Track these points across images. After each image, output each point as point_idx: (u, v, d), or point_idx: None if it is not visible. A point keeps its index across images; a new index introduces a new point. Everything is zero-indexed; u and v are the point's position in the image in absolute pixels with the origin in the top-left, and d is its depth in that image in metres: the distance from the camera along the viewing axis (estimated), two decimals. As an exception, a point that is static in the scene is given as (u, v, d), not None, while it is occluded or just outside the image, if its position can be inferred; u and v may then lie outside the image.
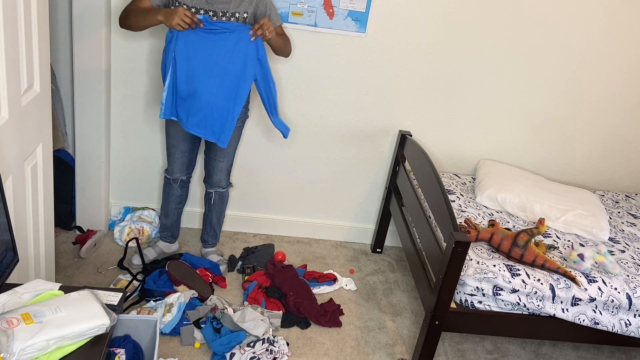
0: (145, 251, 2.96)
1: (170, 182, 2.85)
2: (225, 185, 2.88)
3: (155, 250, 2.99)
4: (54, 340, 1.34)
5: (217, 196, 2.89)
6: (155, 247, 3.01)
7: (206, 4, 2.40)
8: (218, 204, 2.92)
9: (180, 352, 2.48)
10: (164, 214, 2.96)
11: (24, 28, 1.75)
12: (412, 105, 3.12)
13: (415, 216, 2.72)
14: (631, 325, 2.43)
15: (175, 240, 3.07)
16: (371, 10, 2.88)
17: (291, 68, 2.98)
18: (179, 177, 2.83)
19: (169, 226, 2.99)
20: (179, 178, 2.83)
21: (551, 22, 2.98)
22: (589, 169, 3.39)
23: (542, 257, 2.41)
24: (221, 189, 2.87)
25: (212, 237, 3.04)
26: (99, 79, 2.80)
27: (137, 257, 2.92)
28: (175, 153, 2.75)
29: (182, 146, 2.72)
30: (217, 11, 2.41)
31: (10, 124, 1.73)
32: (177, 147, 2.72)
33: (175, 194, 2.88)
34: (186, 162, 2.79)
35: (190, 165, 2.83)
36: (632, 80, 3.16)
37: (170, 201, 2.91)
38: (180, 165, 2.78)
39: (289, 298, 2.78)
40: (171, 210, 2.93)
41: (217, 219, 2.98)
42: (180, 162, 2.78)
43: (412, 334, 2.82)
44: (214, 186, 2.85)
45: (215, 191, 2.87)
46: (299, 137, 3.16)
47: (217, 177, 2.82)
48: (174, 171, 2.80)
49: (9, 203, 1.78)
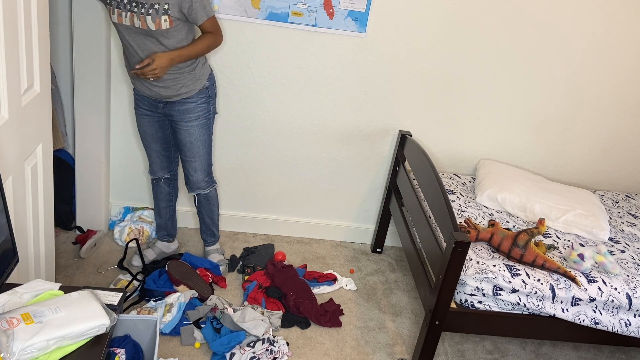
0: (145, 252, 2.96)
1: (155, 181, 2.86)
2: (206, 185, 2.80)
3: (154, 251, 3.00)
4: (54, 340, 1.34)
5: (201, 198, 2.85)
6: (155, 248, 3.01)
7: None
8: (205, 205, 2.88)
9: (180, 352, 2.48)
10: (156, 213, 2.97)
11: (24, 28, 1.75)
12: (412, 105, 3.12)
13: (415, 216, 2.72)
14: (631, 325, 2.43)
15: (174, 239, 3.07)
16: (371, 10, 2.88)
17: (291, 68, 2.98)
18: (162, 176, 2.83)
19: (164, 225, 2.99)
20: (162, 177, 2.84)
21: (551, 22, 2.98)
22: (589, 169, 3.39)
23: (542, 257, 2.41)
24: (202, 190, 2.80)
25: (210, 236, 3.03)
26: (99, 79, 2.80)
27: (137, 258, 2.92)
28: (151, 154, 2.76)
29: (154, 146, 2.73)
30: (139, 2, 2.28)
31: (10, 124, 1.73)
32: (150, 147, 2.74)
33: (163, 192, 2.89)
34: (165, 161, 2.79)
35: (170, 162, 2.82)
36: (632, 80, 3.16)
37: (160, 200, 2.91)
38: (160, 164, 2.79)
39: (289, 298, 2.78)
40: (162, 208, 2.94)
41: (210, 219, 2.96)
42: (159, 161, 2.78)
43: (412, 334, 2.82)
44: (194, 189, 2.80)
45: (197, 194, 2.83)
46: (299, 137, 3.16)
47: (194, 178, 2.76)
48: (155, 170, 2.82)
49: (9, 203, 1.78)
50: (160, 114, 2.63)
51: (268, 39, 2.90)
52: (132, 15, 2.30)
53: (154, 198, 2.93)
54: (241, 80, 2.99)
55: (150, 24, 2.29)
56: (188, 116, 2.58)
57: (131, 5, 2.30)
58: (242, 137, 3.13)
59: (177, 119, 2.60)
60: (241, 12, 2.82)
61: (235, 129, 3.10)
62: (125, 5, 2.31)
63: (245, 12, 2.82)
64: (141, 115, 2.65)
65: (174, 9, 2.31)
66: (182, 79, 2.49)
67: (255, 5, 2.81)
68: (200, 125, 2.63)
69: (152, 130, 2.67)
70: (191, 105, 2.57)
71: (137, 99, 2.63)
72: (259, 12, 2.82)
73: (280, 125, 3.12)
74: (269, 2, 2.80)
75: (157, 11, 2.29)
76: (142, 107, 2.63)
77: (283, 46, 2.93)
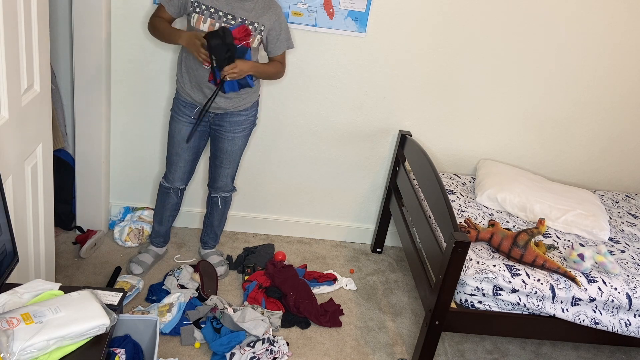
0: (141, 257, 2.90)
1: (170, 190, 2.78)
2: (230, 189, 2.86)
3: (151, 254, 2.94)
4: (54, 340, 1.34)
5: (221, 200, 2.87)
6: (150, 252, 2.95)
7: (227, 6, 2.36)
8: (221, 208, 2.90)
9: (180, 352, 2.48)
10: (157, 220, 2.91)
11: (24, 28, 1.75)
12: (412, 105, 3.12)
13: (415, 216, 2.72)
14: (631, 325, 2.43)
15: (165, 245, 3.03)
16: (371, 10, 2.88)
17: (291, 68, 2.98)
18: (180, 187, 2.78)
19: (163, 233, 2.95)
20: (179, 187, 2.78)
21: (551, 23, 2.98)
22: (589, 169, 3.39)
23: (542, 257, 2.41)
24: (225, 193, 2.86)
25: (212, 239, 3.02)
26: (99, 79, 2.80)
27: (137, 267, 2.85)
28: (178, 162, 2.68)
29: (185, 155, 2.67)
30: (236, 16, 2.38)
31: (10, 124, 1.73)
32: (181, 155, 2.66)
33: (172, 202, 2.83)
34: (188, 171, 2.75)
35: (191, 173, 2.78)
36: (632, 81, 3.16)
37: (166, 209, 2.85)
38: (182, 174, 2.73)
39: (289, 298, 2.78)
40: (166, 217, 2.89)
41: (219, 222, 2.97)
42: (183, 171, 2.72)
43: (412, 334, 2.82)
44: (219, 191, 2.84)
45: (220, 196, 2.86)
46: (299, 137, 3.16)
47: (222, 183, 2.80)
48: (174, 180, 2.74)
49: (9, 203, 1.78)
50: (206, 124, 2.61)
51: (268, 39, 2.90)
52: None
53: (158, 206, 2.86)
54: (241, 80, 2.99)
55: None
56: (238, 127, 2.61)
57: (227, 17, 2.36)
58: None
59: (226, 129, 2.60)
60: (241, 12, 2.81)
61: (235, 129, 3.11)
62: (220, 17, 2.36)
63: (245, 12, 2.82)
64: (183, 122, 2.59)
65: (265, 32, 2.45)
66: (244, 94, 2.54)
67: (255, 5, 2.81)
68: (245, 136, 2.68)
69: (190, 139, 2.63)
70: (243, 117, 2.60)
71: (183, 105, 2.57)
72: (259, 12, 2.82)
73: (280, 125, 3.12)
74: (269, 2, 2.80)
75: (255, 29, 2.40)
76: (186, 114, 2.57)
77: (283, 46, 2.93)
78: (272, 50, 2.53)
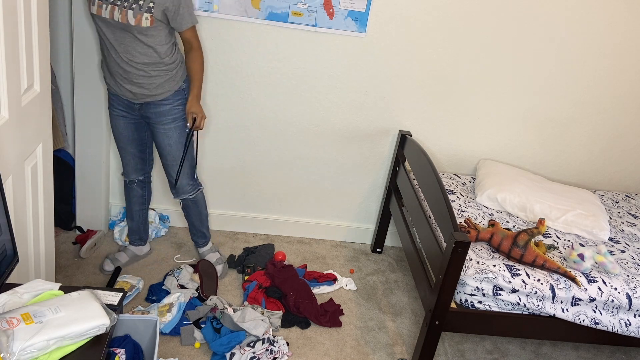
0: (117, 255, 2.90)
1: (128, 183, 2.80)
2: (191, 189, 2.76)
3: (127, 254, 2.93)
4: (54, 340, 1.34)
5: (188, 203, 2.81)
6: (127, 251, 2.95)
7: None
8: (193, 209, 2.84)
9: (180, 352, 2.48)
10: (129, 217, 2.90)
11: (24, 28, 1.75)
12: (412, 105, 3.12)
13: (415, 216, 2.72)
14: (631, 325, 2.43)
15: (146, 243, 3.01)
16: (371, 10, 2.88)
17: (291, 68, 2.98)
18: (135, 178, 2.77)
19: (136, 229, 2.93)
20: (135, 179, 2.77)
21: (551, 23, 2.98)
22: (589, 169, 3.39)
23: (542, 257, 2.41)
24: (188, 194, 2.76)
25: (200, 238, 2.99)
26: (99, 79, 2.80)
27: (109, 263, 2.86)
28: (125, 155, 2.69)
29: (129, 148, 2.67)
30: None
31: (10, 124, 1.73)
32: (125, 149, 2.67)
33: (136, 194, 2.83)
34: (139, 163, 2.73)
35: (145, 164, 2.76)
36: (632, 81, 3.16)
37: (133, 203, 2.85)
38: (134, 165, 2.73)
39: (289, 298, 2.78)
40: (135, 212, 2.88)
41: (200, 222, 2.91)
42: (133, 163, 2.72)
43: (412, 334, 2.82)
44: (180, 194, 2.75)
45: (183, 199, 2.79)
46: (299, 137, 3.16)
47: (180, 184, 2.71)
48: (129, 172, 2.75)
49: (9, 203, 1.78)
50: (137, 116, 2.58)
51: (268, 39, 2.90)
52: (114, 8, 2.23)
53: (126, 201, 2.87)
54: (241, 80, 2.99)
55: (131, 18, 2.23)
56: (165, 119, 2.54)
57: None
58: (242, 137, 3.13)
59: (153, 121, 2.55)
60: (241, 12, 2.82)
61: (236, 129, 3.10)
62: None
63: (246, 12, 2.82)
64: (116, 116, 2.58)
65: (158, 10, 2.27)
66: (157, 79, 2.43)
67: (255, 5, 2.81)
68: (178, 127, 2.58)
69: (128, 132, 2.61)
70: (167, 107, 2.52)
71: (112, 99, 2.56)
72: (259, 12, 2.82)
73: (281, 125, 3.12)
74: (269, 2, 2.80)
75: (140, 7, 2.24)
76: (117, 108, 2.56)
77: (283, 46, 2.93)
78: (176, 26, 2.37)
